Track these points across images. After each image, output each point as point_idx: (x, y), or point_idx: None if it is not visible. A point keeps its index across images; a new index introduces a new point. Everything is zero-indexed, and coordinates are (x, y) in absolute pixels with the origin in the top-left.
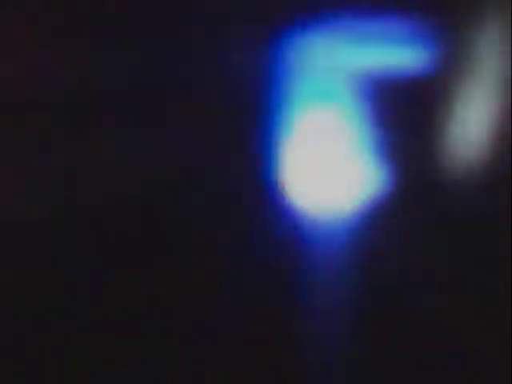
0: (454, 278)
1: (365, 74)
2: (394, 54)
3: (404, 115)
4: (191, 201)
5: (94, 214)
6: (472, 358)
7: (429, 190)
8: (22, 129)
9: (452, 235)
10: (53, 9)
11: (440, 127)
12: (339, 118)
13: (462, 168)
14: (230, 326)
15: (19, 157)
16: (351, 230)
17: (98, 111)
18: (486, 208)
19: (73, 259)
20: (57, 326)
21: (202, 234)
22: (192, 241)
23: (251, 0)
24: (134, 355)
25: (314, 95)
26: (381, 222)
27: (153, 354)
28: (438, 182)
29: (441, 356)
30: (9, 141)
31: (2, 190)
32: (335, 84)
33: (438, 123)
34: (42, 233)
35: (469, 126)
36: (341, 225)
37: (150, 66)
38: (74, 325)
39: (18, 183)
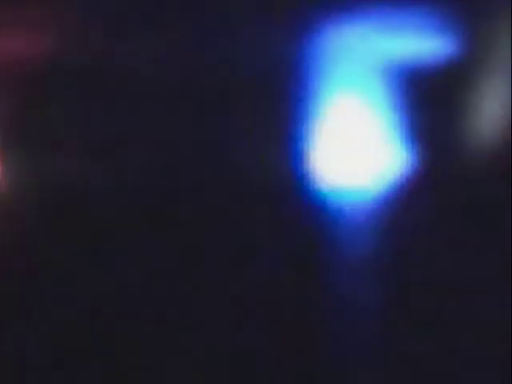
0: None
1: (392, 61)
2: (420, 43)
3: (429, 99)
4: (222, 185)
5: None
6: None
7: (450, 171)
8: None
9: (473, 213)
10: None
11: (464, 109)
12: (368, 102)
13: (483, 147)
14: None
15: None
16: (380, 210)
17: None
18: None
19: None
20: None
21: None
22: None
23: None
24: None
25: (347, 81)
26: (406, 201)
27: None
28: (459, 162)
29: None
30: None
31: None
32: (365, 71)
33: (461, 106)
34: None
35: (491, 109)
36: (369, 205)
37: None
38: None
39: None
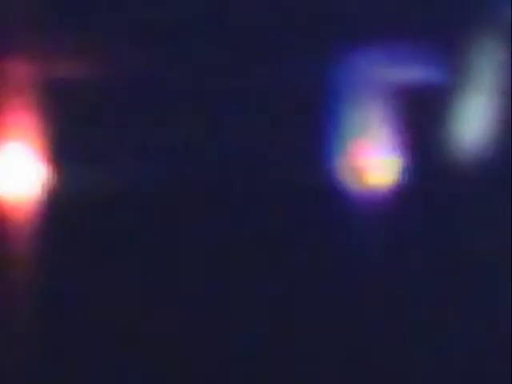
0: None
1: (390, 86)
2: (412, 70)
3: (420, 119)
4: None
5: None
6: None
7: (438, 182)
8: None
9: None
10: None
11: (449, 129)
12: (370, 119)
13: (466, 162)
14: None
15: None
16: (370, 217)
17: None
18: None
19: None
20: None
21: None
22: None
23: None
24: None
25: (355, 102)
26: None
27: None
28: (445, 174)
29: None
30: None
31: None
32: (369, 93)
33: (448, 125)
34: None
35: (472, 128)
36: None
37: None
38: None
39: None
